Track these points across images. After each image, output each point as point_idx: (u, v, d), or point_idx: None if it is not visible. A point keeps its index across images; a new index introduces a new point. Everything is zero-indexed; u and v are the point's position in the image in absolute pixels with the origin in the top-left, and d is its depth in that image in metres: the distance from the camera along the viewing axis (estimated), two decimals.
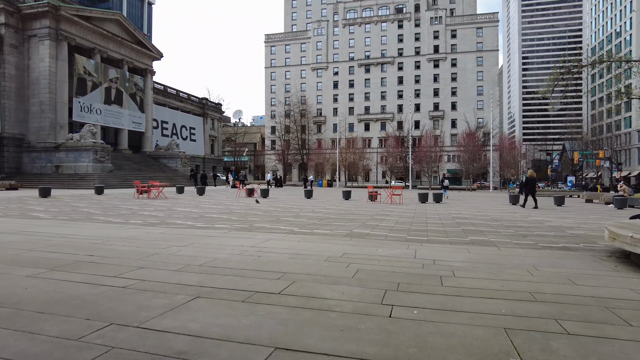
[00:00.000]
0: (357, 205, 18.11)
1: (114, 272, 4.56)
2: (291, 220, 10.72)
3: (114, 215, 11.33)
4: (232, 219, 11.00)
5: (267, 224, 9.74)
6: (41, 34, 37.67)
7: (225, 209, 14.60)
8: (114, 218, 10.70)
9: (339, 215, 12.84)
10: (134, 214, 11.86)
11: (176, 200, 19.54)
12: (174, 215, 11.64)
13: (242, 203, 17.93)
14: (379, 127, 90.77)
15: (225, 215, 11.87)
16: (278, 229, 8.94)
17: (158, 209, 13.78)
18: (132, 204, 15.98)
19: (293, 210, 14.56)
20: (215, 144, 71.72)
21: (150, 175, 40.24)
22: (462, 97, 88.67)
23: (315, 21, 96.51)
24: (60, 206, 14.40)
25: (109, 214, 11.72)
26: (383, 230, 9.02)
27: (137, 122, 47.49)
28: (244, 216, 11.74)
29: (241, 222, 10.07)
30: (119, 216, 11.21)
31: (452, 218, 12.61)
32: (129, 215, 11.41)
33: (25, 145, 37.94)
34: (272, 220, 10.77)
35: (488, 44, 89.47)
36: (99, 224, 9.23)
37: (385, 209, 15.62)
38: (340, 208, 15.92)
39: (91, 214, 11.84)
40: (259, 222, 10.27)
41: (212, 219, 10.77)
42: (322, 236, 7.94)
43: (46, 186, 19.63)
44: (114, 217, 11.02)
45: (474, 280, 4.56)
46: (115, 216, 11.20)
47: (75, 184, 31.93)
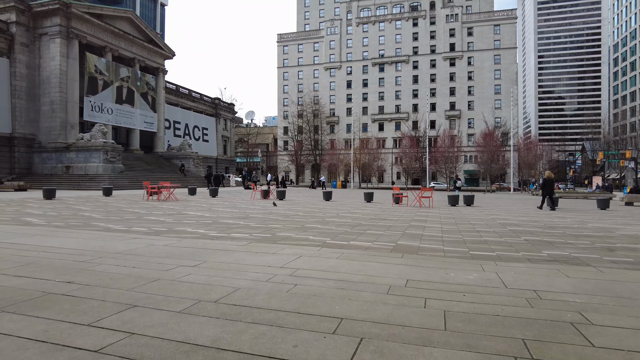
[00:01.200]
0: (383, 208, 16.53)
1: (92, 315, 3.11)
2: (319, 228, 9.21)
3: (116, 221, 9.97)
4: (250, 225, 9.53)
5: (292, 233, 8.24)
6: (52, 32, 36.92)
7: (241, 213, 13.17)
8: (115, 224, 9.33)
9: (370, 221, 11.28)
10: (139, 219, 10.48)
11: (187, 202, 18.21)
12: (184, 221, 10.23)
13: (258, 206, 16.50)
14: (394, 127, 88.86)
15: (242, 221, 10.41)
16: (306, 239, 7.43)
17: (167, 213, 12.42)
18: (140, 207, 14.67)
19: (316, 214, 13.05)
20: (228, 145, 70.71)
21: (161, 176, 39.19)
22: (479, 96, 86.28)
23: (328, 20, 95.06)
24: (61, 209, 13.13)
25: (111, 219, 10.36)
26: (433, 242, 7.45)
27: (148, 122, 46.57)
28: (263, 222, 10.29)
29: (261, 230, 8.59)
30: (121, 222, 9.84)
31: (501, 224, 10.95)
32: (133, 221, 10.03)
33: (36, 146, 37.19)
34: (297, 227, 9.27)
35: (506, 42, 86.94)
36: (96, 232, 7.84)
37: (418, 214, 14.01)
38: (367, 212, 14.36)
39: (92, 218, 10.50)
40: (282, 229, 8.79)
41: (228, 226, 9.31)
42: (365, 250, 6.41)
43: (51, 187, 18.49)
44: (116, 222, 9.65)
45: (626, 331, 2.99)
46: (117, 222, 9.83)
47: (85, 185, 30.95)
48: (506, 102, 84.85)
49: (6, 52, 36.26)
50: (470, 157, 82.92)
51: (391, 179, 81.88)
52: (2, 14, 36.52)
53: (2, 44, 36.03)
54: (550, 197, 17.42)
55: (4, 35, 35.98)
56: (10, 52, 36.38)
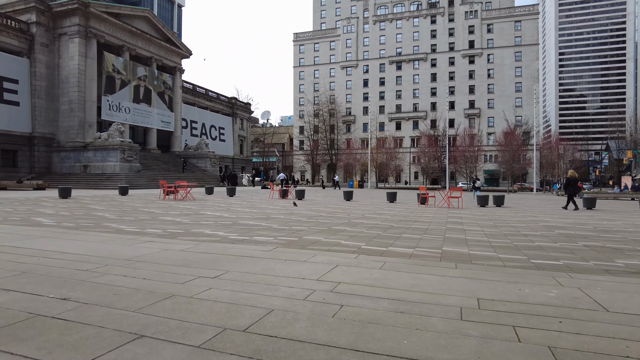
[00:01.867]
0: (410, 209, 15.58)
1: (83, 351, 2.33)
2: (348, 231, 8.36)
3: (129, 222, 9.31)
4: (272, 227, 8.75)
5: (320, 236, 7.42)
6: (71, 31, 37.02)
7: (261, 213, 12.43)
8: (128, 225, 8.66)
9: (401, 223, 10.38)
10: (154, 220, 9.82)
11: (205, 202, 17.59)
12: (202, 222, 9.52)
13: (278, 206, 15.75)
14: (411, 126, 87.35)
15: (264, 222, 9.64)
16: (338, 244, 6.59)
17: (184, 213, 11.75)
18: (156, 207, 14.08)
19: (340, 215, 12.20)
20: (244, 144, 70.43)
21: (178, 175, 38.92)
22: (500, 94, 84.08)
23: (345, 18, 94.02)
24: (74, 209, 12.61)
25: (124, 220, 9.72)
26: (483, 248, 6.52)
27: (165, 121, 46.46)
28: (285, 223, 9.50)
29: (286, 233, 7.80)
30: (135, 222, 9.18)
31: (545, 227, 9.91)
32: (147, 222, 9.36)
33: (55, 145, 37.34)
34: (324, 230, 8.45)
35: (527, 38, 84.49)
36: (106, 235, 7.16)
37: (451, 215, 13.03)
38: (394, 213, 13.45)
39: (104, 219, 9.88)
40: (308, 232, 7.97)
41: (249, 228, 8.55)
42: (409, 258, 5.54)
43: (66, 186, 18.12)
44: (129, 223, 8.99)
45: None
46: (131, 222, 9.17)
47: (102, 184, 30.80)
48: (527, 100, 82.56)
49: (27, 52, 36.50)
50: (490, 157, 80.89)
51: (409, 179, 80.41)
52: (23, 14, 36.79)
53: (23, 44, 36.28)
54: (572, 197, 16.97)
55: (25, 35, 36.23)
56: (30, 52, 36.61)
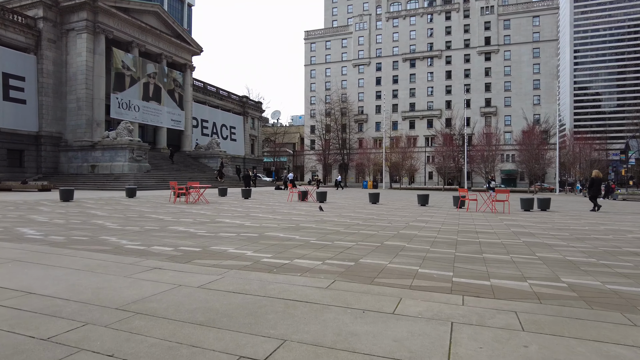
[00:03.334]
0: (452, 214, 13.67)
1: None
2: (408, 248, 6.53)
3: (133, 234, 7.58)
4: (310, 242, 6.96)
5: (381, 258, 5.59)
6: (79, 27, 35.71)
7: (287, 220, 10.65)
8: (131, 239, 6.93)
9: (462, 235, 8.51)
10: (163, 230, 8.09)
11: (219, 205, 15.89)
12: (222, 234, 7.76)
13: (302, 210, 13.97)
14: (425, 125, 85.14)
15: (296, 234, 7.85)
16: (414, 273, 4.76)
17: (197, 221, 10.03)
18: (165, 212, 12.40)
19: (380, 223, 10.36)
20: (256, 144, 68.89)
21: (189, 175, 37.41)
22: (517, 92, 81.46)
23: (357, 15, 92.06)
24: (72, 215, 10.95)
25: (127, 231, 8.01)
26: (606, 276, 4.65)
27: (176, 120, 45.02)
28: (323, 236, 7.71)
29: (332, 252, 5.99)
30: (140, 235, 7.45)
31: (633, 240, 7.97)
32: (154, 234, 7.63)
33: (63, 144, 36.07)
34: (377, 246, 6.62)
35: (545, 34, 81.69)
36: (100, 256, 5.40)
37: (511, 223, 11.09)
38: (440, 220, 11.57)
39: (103, 229, 8.18)
40: (360, 251, 6.16)
41: (282, 244, 6.76)
42: (543, 304, 3.69)
43: (68, 188, 16.55)
44: (133, 236, 7.26)
45: None
46: (134, 235, 7.44)
47: (109, 185, 29.34)
48: (546, 97, 79.89)
49: (33, 48, 35.28)
50: (507, 156, 78.35)
51: (424, 179, 78.19)
52: (30, 9, 35.58)
53: (30, 40, 35.06)
54: (594, 198, 16.67)
55: (31, 31, 35.01)
56: (37, 49, 35.38)
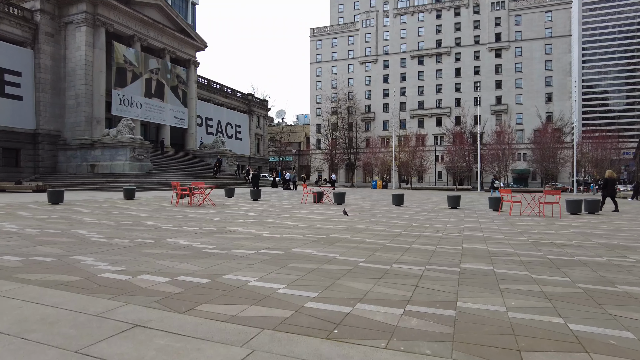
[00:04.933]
0: (497, 219, 11.71)
1: None
2: (511, 278, 4.63)
3: (119, 250, 5.72)
4: (360, 265, 5.06)
5: (492, 301, 3.71)
6: (78, 19, 34.01)
7: (311, 228, 8.77)
8: (113, 261, 5.05)
9: (548, 251, 6.58)
10: (159, 246, 6.22)
11: (227, 208, 14.04)
12: (235, 251, 5.88)
13: (322, 214, 12.07)
14: (434, 123, 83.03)
15: (335, 252, 5.97)
16: (581, 338, 2.89)
17: (203, 230, 8.18)
18: (165, 217, 10.56)
19: (431, 235, 8.46)
20: (261, 143, 67.06)
21: (194, 175, 35.64)
22: (528, 89, 79.26)
23: (364, 12, 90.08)
24: (53, 222, 9.11)
25: (112, 245, 6.14)
26: None
27: (179, 118, 43.26)
28: (369, 253, 5.84)
29: (404, 285, 4.11)
30: (127, 253, 5.59)
31: None
32: (146, 250, 5.77)
33: (61, 143, 34.38)
34: (467, 278, 4.73)
35: (558, 29, 79.36)
36: (48, 302, 3.48)
37: (575, 230, 9.16)
38: (493, 228, 9.64)
39: (82, 244, 6.31)
40: (448, 286, 4.27)
41: (322, 268, 4.87)
42: None
43: (58, 189, 14.74)
44: (117, 256, 5.39)
45: None
46: (119, 253, 5.58)
47: (109, 186, 27.58)
48: (558, 95, 77.66)
49: (30, 42, 33.62)
50: (519, 155, 76.09)
51: (434, 179, 76.07)
52: (27, 1, 33.93)
53: (26, 33, 33.41)
54: (612, 198, 16.15)
55: (28, 24, 33.35)
56: (34, 43, 33.72)
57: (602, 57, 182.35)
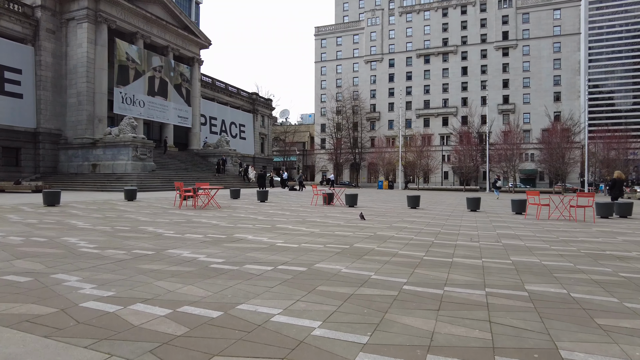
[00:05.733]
0: (527, 224, 10.73)
1: None
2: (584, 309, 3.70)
3: (110, 266, 4.80)
4: (406, 290, 4.13)
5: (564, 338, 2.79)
6: (79, 16, 33.23)
7: (330, 235, 7.83)
8: (100, 283, 4.11)
9: (614, 265, 5.63)
10: (158, 259, 5.30)
11: (234, 211, 13.13)
12: (248, 266, 4.96)
13: (337, 218, 11.13)
14: (441, 123, 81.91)
15: (367, 269, 5.03)
16: None
17: (209, 238, 7.26)
18: (167, 221, 9.66)
19: (466, 244, 7.51)
20: (266, 143, 66.16)
21: (197, 175, 34.80)
22: (536, 88, 78.00)
23: (369, 10, 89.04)
24: (42, 228, 8.21)
25: (103, 260, 5.23)
26: None
27: (183, 117, 42.42)
28: (408, 270, 4.91)
29: (462, 311, 3.19)
30: (119, 269, 4.67)
31: None
32: (144, 265, 4.86)
33: (62, 142, 33.62)
34: (552, 310, 3.80)
35: (567, 27, 78.03)
36: None
37: (624, 237, 8.17)
38: (529, 235, 8.67)
39: (67, 256, 5.41)
40: (510, 314, 3.34)
41: (360, 294, 3.94)
42: None
43: (54, 190, 13.87)
44: (107, 273, 4.47)
45: None
46: (110, 271, 4.65)
47: (110, 186, 26.75)
48: (567, 94, 76.40)
49: (31, 39, 32.87)
50: (526, 156, 74.83)
51: (442, 180, 74.95)
52: None
53: (27, 30, 32.65)
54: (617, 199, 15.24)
55: (29, 20, 32.59)
56: (35, 40, 32.96)
57: (608, 57, 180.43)
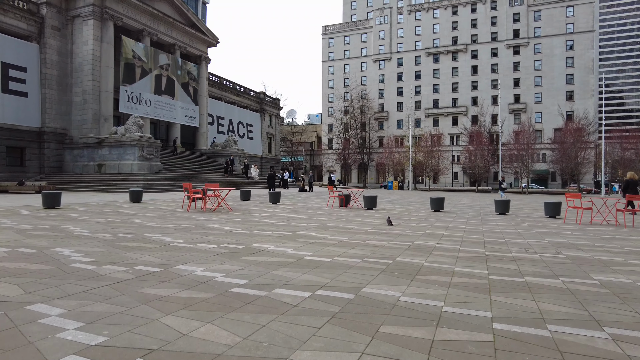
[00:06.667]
0: (575, 229, 9.62)
1: None
2: None
3: (105, 290, 3.80)
4: (500, 331, 3.08)
5: None
6: (85, 12, 32.50)
7: (358, 242, 6.80)
8: (89, 320, 3.11)
9: None
10: (165, 278, 4.27)
11: (247, 214, 12.14)
12: (279, 291, 3.94)
13: (361, 223, 10.08)
14: (450, 123, 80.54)
15: (429, 296, 3.97)
16: None
17: (225, 247, 6.25)
18: (176, 227, 8.67)
19: (519, 255, 6.43)
20: (273, 143, 65.24)
21: (205, 176, 33.91)
22: (548, 87, 76.37)
23: (377, 9, 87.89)
24: (34, 237, 7.25)
25: (98, 281, 4.22)
26: None
27: (190, 116, 41.60)
28: (477, 290, 3.88)
29: None
30: (116, 296, 3.66)
31: None
32: (148, 290, 3.85)
33: (68, 141, 32.90)
34: None
35: (581, 24, 76.33)
36: None
37: None
38: (587, 244, 7.58)
39: (58, 274, 4.42)
40: None
41: (441, 339, 2.91)
42: None
43: (55, 191, 12.96)
44: (101, 304, 3.46)
45: None
46: (105, 298, 3.65)
47: (115, 187, 25.91)
48: (580, 93, 74.71)
49: (36, 36, 32.19)
50: (538, 156, 73.16)
51: (451, 180, 73.56)
52: None
53: (32, 27, 31.98)
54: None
55: (34, 17, 31.93)
56: (40, 37, 32.29)
57: (619, 55, 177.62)
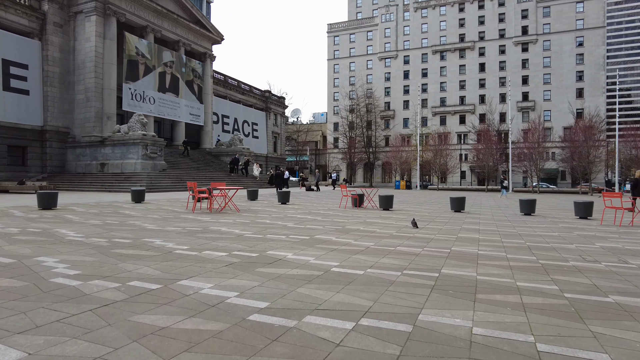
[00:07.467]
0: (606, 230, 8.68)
1: None
2: None
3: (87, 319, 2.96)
4: None
5: None
6: (87, 8, 31.79)
7: (388, 249, 5.92)
8: None
9: None
10: (167, 301, 3.42)
11: (256, 215, 11.29)
12: (310, 319, 3.08)
13: (383, 225, 9.20)
14: (457, 121, 79.36)
15: (500, 326, 3.09)
16: None
17: (235, 255, 5.39)
18: (179, 231, 7.83)
19: (579, 265, 5.53)
20: (278, 142, 64.41)
21: (211, 175, 33.15)
22: (557, 84, 75.02)
23: (383, 6, 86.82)
24: (18, 243, 6.42)
25: (82, 303, 3.35)
26: None
27: (195, 115, 40.84)
28: (562, 316, 3.01)
29: None
30: (101, 328, 2.82)
31: None
32: (147, 312, 3.00)
33: (70, 140, 32.22)
34: None
35: (591, 20, 74.97)
36: None
37: None
38: None
39: (34, 292, 3.58)
40: None
41: None
42: None
43: (51, 191, 12.17)
44: (77, 345, 2.64)
45: None
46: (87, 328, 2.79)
47: (118, 186, 25.16)
48: (590, 90, 73.36)
49: (38, 33, 31.53)
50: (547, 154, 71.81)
51: (459, 179, 72.39)
52: None
53: (34, 24, 31.33)
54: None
55: (35, 13, 31.27)
56: (42, 34, 31.62)
57: (627, 53, 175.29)
